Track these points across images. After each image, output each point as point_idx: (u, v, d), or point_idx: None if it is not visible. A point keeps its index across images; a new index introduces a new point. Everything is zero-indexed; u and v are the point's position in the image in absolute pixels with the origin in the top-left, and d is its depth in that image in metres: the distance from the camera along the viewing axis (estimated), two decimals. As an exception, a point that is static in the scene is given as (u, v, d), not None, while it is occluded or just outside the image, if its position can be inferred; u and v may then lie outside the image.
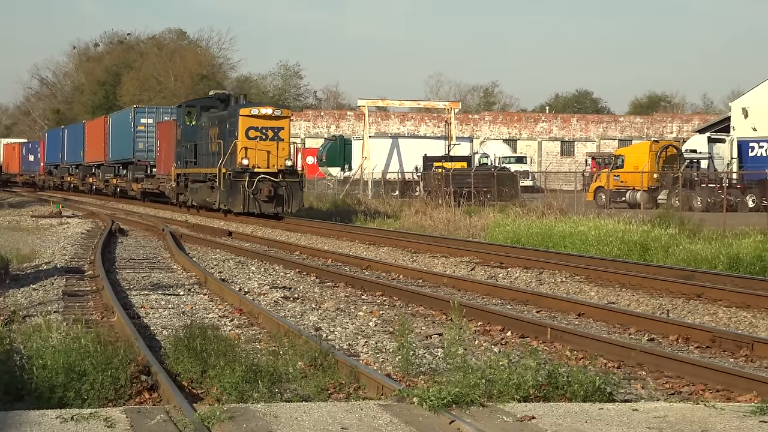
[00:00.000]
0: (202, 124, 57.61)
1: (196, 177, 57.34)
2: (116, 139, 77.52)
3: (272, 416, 10.23)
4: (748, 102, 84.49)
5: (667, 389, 13.84)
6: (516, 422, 10.11)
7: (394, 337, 16.29)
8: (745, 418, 10.49)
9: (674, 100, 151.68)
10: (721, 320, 20.39)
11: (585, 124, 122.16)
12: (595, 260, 30.50)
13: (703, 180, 67.88)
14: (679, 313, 21.34)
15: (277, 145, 50.88)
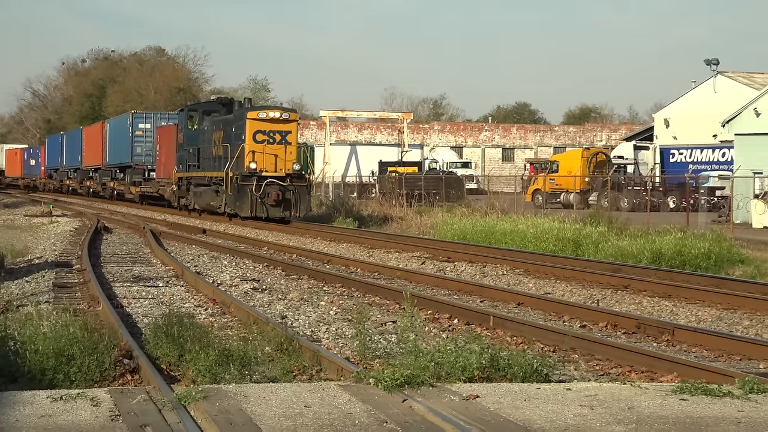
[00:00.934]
0: (204, 128, 53.23)
1: (199, 181, 52.80)
2: (114, 144, 73.52)
3: (242, 396, 10.20)
4: (670, 113, 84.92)
5: (597, 371, 13.88)
6: (462, 401, 10.11)
7: (352, 324, 16.26)
8: (667, 396, 10.53)
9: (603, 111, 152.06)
10: (645, 309, 20.47)
11: (524, 133, 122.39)
12: (532, 255, 30.55)
13: (630, 183, 68.46)
14: (607, 302, 21.41)
15: (284, 148, 46.47)
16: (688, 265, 28.48)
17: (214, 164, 49.83)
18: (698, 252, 29.45)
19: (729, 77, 79.30)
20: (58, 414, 9.45)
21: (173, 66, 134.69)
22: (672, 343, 16.27)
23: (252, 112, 46.70)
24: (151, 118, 69.92)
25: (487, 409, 9.77)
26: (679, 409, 9.94)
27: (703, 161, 75.91)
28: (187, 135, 54.71)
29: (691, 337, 16.50)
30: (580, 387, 11.14)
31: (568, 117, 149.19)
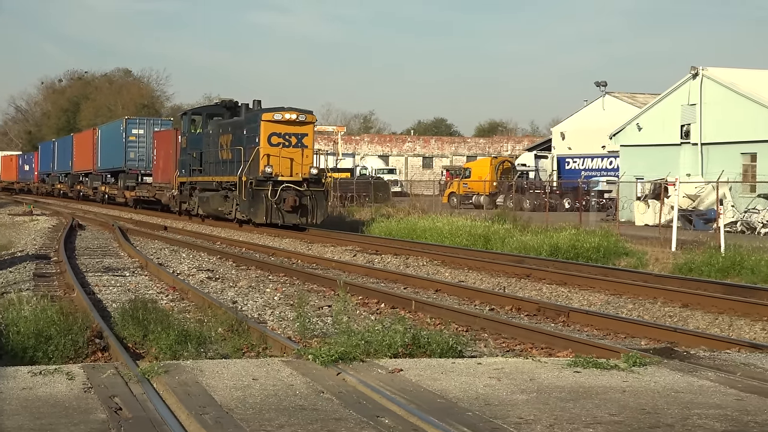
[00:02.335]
0: (209, 131, 45.72)
1: (206, 185, 45.24)
2: (106, 149, 67.25)
3: (198, 370, 10.15)
4: (565, 127, 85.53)
5: (503, 347, 13.94)
6: (388, 374, 10.12)
7: (293, 308, 16.24)
8: (563, 369, 10.59)
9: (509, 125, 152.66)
10: (544, 294, 20.60)
11: (441, 144, 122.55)
12: (448, 248, 30.64)
13: (531, 187, 69.27)
14: (512, 289, 21.52)
15: (301, 152, 39.17)
16: (580, 257, 28.68)
17: (222, 168, 43.08)
18: (589, 246, 29.68)
19: (615, 97, 79.94)
20: (37, 387, 9.36)
21: (138, 85, 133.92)
22: (567, 324, 16.38)
23: (267, 114, 39.32)
24: (144, 124, 64.02)
25: (410, 381, 9.78)
26: (574, 380, 10.00)
27: (593, 168, 76.55)
28: (190, 139, 47.96)
29: (584, 318, 16.63)
30: (489, 362, 11.17)
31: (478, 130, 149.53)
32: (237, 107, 45.09)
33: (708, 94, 55.64)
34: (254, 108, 42.16)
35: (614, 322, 16.15)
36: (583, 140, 79.36)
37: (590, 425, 8.13)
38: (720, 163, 51.85)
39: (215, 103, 48.64)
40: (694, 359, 11.42)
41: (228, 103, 46.67)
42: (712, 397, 9.34)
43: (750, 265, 24.53)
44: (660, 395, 9.36)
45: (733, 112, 53.50)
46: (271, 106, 41.19)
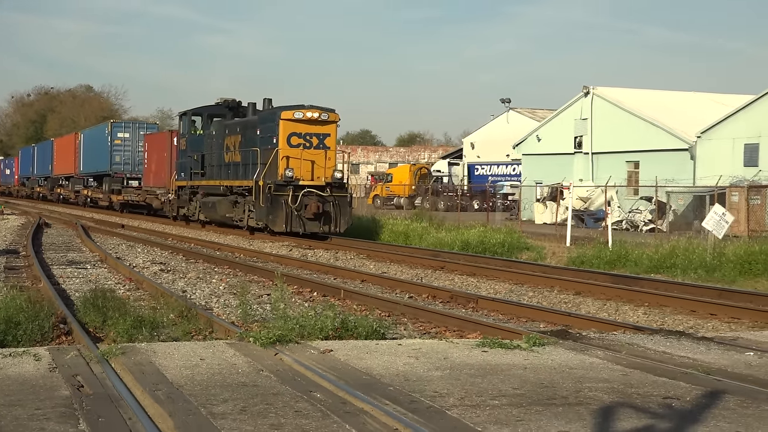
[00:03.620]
0: (212, 132, 38.76)
1: (211, 190, 38.36)
2: (89, 153, 61.06)
3: (152, 351, 10.06)
4: (474, 138, 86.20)
5: (421, 330, 13.97)
6: (320, 354, 10.10)
7: (236, 296, 16.16)
8: (473, 349, 10.64)
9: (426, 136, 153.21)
10: (456, 284, 20.68)
11: (366, 152, 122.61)
12: (373, 243, 30.73)
13: (445, 190, 69.78)
14: (429, 279, 21.58)
15: (324, 154, 32.56)
16: (488, 251, 28.86)
17: (229, 172, 36.54)
18: (495, 241, 29.90)
19: (518, 112, 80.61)
20: (7, 367, 9.22)
21: (99, 99, 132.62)
22: (476, 309, 16.45)
23: (286, 112, 32.49)
24: (129, 128, 57.71)
25: (339, 360, 9.77)
26: (482, 359, 10.05)
27: (499, 174, 77.08)
28: (190, 141, 40.88)
29: (490, 304, 16.71)
30: (408, 343, 11.19)
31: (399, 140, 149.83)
32: (240, 107, 38.84)
33: (597, 110, 56.30)
34: (267, 107, 35.72)
35: (517, 307, 16.26)
36: (490, 149, 79.96)
37: (496, 398, 8.18)
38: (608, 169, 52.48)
39: (216, 103, 40.38)
40: (586, 340, 11.53)
41: (230, 102, 39.38)
42: (601, 372, 9.44)
43: (633, 258, 24.86)
44: (556, 371, 9.44)
45: (619, 126, 54.21)
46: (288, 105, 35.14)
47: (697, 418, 7.54)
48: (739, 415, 7.71)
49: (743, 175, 41.34)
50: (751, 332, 13.12)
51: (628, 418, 7.51)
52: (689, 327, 14.48)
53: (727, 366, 9.92)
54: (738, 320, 15.32)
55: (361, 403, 7.83)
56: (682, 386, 8.78)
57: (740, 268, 22.03)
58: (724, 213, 23.63)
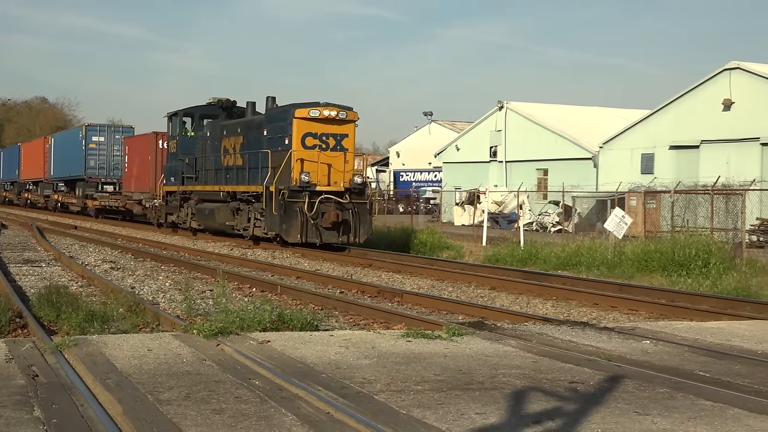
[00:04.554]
0: (207, 134, 33.42)
1: (207, 196, 32.99)
2: (60, 157, 55.31)
3: (103, 343, 9.93)
4: (400, 148, 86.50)
5: (351, 322, 13.97)
6: (258, 344, 10.05)
7: (181, 292, 16.01)
8: (398, 339, 10.66)
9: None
10: (383, 280, 20.70)
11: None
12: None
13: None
14: (358, 276, 21.58)
15: (343, 156, 27.66)
16: (412, 250, 28.96)
17: (228, 176, 31.37)
18: (419, 241, 30.03)
19: (439, 124, 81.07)
20: (-34, 358, 9.04)
21: (53, 110, 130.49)
22: (401, 303, 16.49)
23: (301, 110, 27.28)
24: (105, 132, 51.49)
25: (276, 350, 9.73)
26: (406, 348, 10.07)
27: (422, 180, 77.48)
28: (181, 143, 35.29)
29: (414, 299, 16.76)
30: (340, 334, 11.18)
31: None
32: (235, 107, 34.26)
33: (511, 123, 56.82)
34: (271, 106, 30.20)
35: (438, 301, 16.32)
36: (413, 158, 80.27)
37: (419, 383, 8.20)
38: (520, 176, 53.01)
39: (208, 103, 35.07)
40: (500, 330, 11.61)
41: (224, 102, 34.40)
42: (514, 359, 9.51)
43: (543, 256, 25.11)
44: (473, 359, 9.49)
45: (530, 137, 54.82)
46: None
47: (599, 400, 7.63)
48: (636, 397, 7.82)
49: (640, 182, 41.99)
50: (648, 323, 13.32)
51: (538, 400, 7.58)
52: (593, 318, 14.65)
53: (626, 353, 10.06)
54: (636, 312, 15.54)
55: (296, 389, 7.81)
56: (586, 372, 8.88)
57: (638, 265, 22.35)
58: (624, 215, 23.97)
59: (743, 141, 40.87)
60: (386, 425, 6.62)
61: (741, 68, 41.75)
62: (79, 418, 6.86)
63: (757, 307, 15.52)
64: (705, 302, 16.31)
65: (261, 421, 6.74)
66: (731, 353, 10.27)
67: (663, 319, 14.38)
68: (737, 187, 32.34)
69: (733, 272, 20.23)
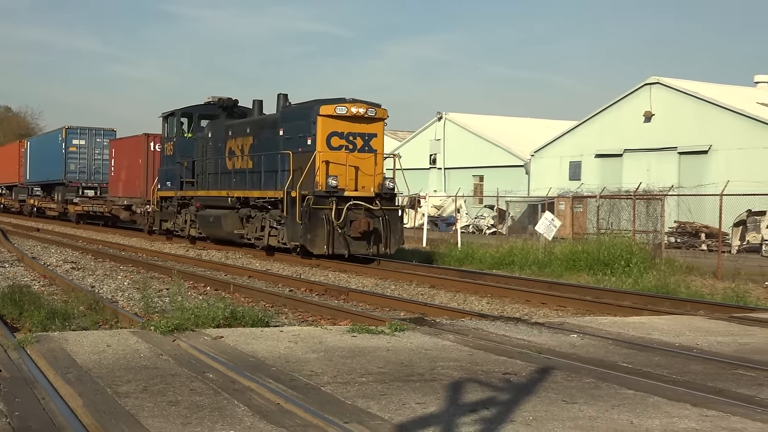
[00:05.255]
0: (208, 135, 29.33)
1: (212, 202, 28.56)
2: (37, 161, 50.70)
3: (64, 340, 9.79)
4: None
5: (300, 319, 13.92)
6: (212, 340, 9.98)
7: (139, 291, 15.84)
8: (344, 334, 10.65)
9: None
10: (330, 279, 20.65)
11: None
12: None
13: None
14: (306, 275, 21.51)
15: (374, 158, 23.66)
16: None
17: (233, 181, 27.39)
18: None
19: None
20: (-68, 355, 8.86)
21: (17, 119, 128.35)
22: (347, 301, 16.48)
23: (326, 106, 23.16)
24: (86, 135, 46.69)
25: (229, 345, 9.67)
26: (352, 342, 10.07)
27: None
28: (180, 145, 30.96)
29: (359, 296, 16.76)
30: (289, 329, 11.15)
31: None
32: (237, 107, 30.39)
33: (449, 132, 57.10)
34: (283, 104, 26.15)
35: (381, 299, 16.34)
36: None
37: (364, 375, 8.20)
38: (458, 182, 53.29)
39: (207, 102, 30.78)
40: (439, 326, 11.65)
41: (225, 102, 30.30)
42: (452, 353, 9.55)
43: (478, 256, 25.23)
44: (414, 352, 9.51)
45: (467, 146, 55.14)
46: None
47: (531, 390, 7.69)
48: (564, 387, 7.89)
49: (568, 188, 42.43)
50: (575, 318, 13.46)
51: (474, 391, 7.62)
52: (525, 314, 14.76)
53: (555, 346, 10.15)
54: (564, 308, 15.69)
55: (248, 381, 7.77)
56: (518, 363, 8.94)
57: (566, 264, 22.55)
58: (553, 219, 24.19)
59: (662, 150, 41.49)
60: (332, 415, 6.61)
61: (660, 83, 42.42)
62: (41, 410, 6.76)
63: (675, 303, 15.77)
64: (627, 299, 16.54)
65: (215, 412, 6.70)
66: (651, 346, 10.42)
67: (589, 314, 14.53)
68: (657, 192, 32.80)
69: (653, 271, 20.49)
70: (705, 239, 34.59)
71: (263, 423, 6.39)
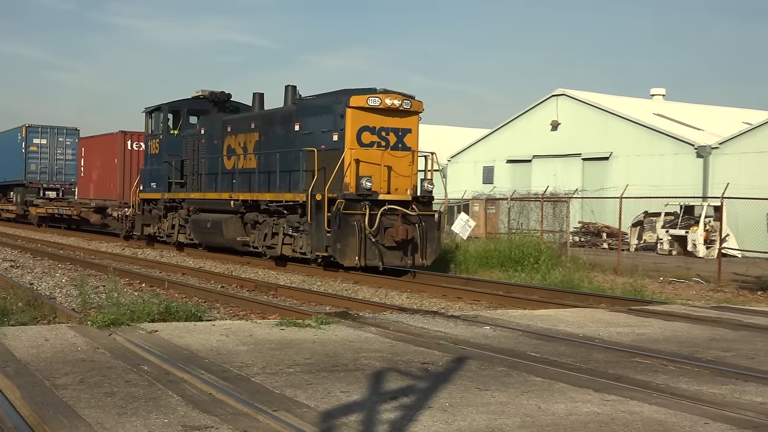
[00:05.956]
0: (200, 131, 25.02)
1: (208, 205, 24.21)
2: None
3: (2, 335, 9.54)
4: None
5: (231, 313, 13.80)
6: (147, 334, 9.83)
7: (77, 287, 15.53)
8: (273, 327, 10.59)
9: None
10: (260, 276, 20.51)
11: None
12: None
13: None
14: (238, 272, 21.34)
15: (411, 156, 19.92)
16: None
17: (233, 182, 23.11)
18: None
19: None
20: None
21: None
22: (276, 296, 16.41)
23: (358, 97, 19.19)
24: (48, 133, 41.86)
25: (163, 339, 9.54)
26: (280, 335, 10.02)
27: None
28: (167, 143, 26.63)
29: (288, 292, 16.70)
30: (221, 323, 11.05)
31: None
32: (229, 101, 26.33)
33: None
34: (292, 96, 21.71)
35: (308, 294, 16.31)
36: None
37: (291, 366, 8.17)
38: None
39: (196, 96, 26.57)
40: (362, 319, 11.66)
41: (217, 95, 26.11)
42: (374, 344, 9.57)
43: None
44: (339, 344, 9.50)
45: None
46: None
47: (447, 378, 7.75)
48: (478, 375, 7.97)
49: (482, 191, 42.82)
50: (488, 311, 13.59)
51: (394, 379, 7.64)
52: (442, 308, 14.85)
53: (470, 337, 10.24)
54: (478, 302, 15.83)
55: (181, 373, 7.67)
56: (436, 354, 9.00)
57: (480, 262, 22.75)
58: (468, 219, 24.42)
59: (568, 156, 42.21)
60: (262, 403, 6.57)
61: (566, 95, 43.15)
62: (-20, 403, 6.57)
63: (579, 297, 16.04)
64: (536, 293, 16.77)
65: (149, 402, 6.60)
66: (558, 336, 10.58)
67: (501, 308, 14.69)
68: (563, 195, 33.33)
69: (560, 268, 20.81)
70: (606, 238, 35.30)
71: (196, 412, 6.32)
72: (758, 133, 35.27)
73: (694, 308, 14.10)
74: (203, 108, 26.32)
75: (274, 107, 23.07)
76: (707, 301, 16.80)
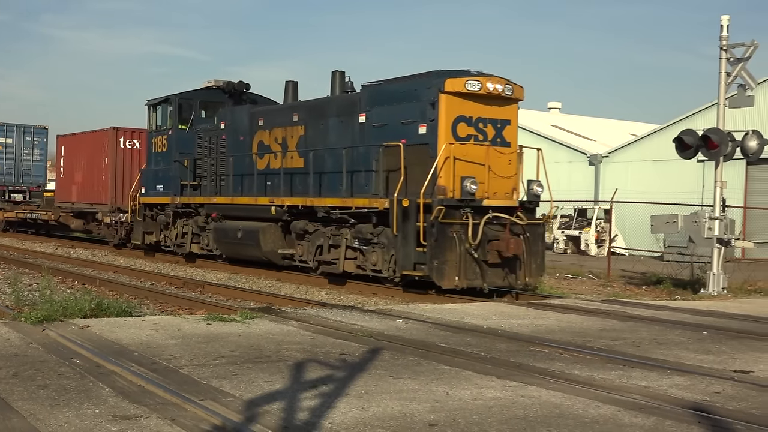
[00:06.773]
0: (220, 126, 20.22)
1: (236, 211, 19.36)
2: None
3: (-63, 331, 9.20)
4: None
5: (160, 309, 13.58)
6: (79, 329, 9.59)
7: (10, 285, 15.06)
8: (200, 322, 10.45)
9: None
10: (188, 274, 20.24)
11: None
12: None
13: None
14: (167, 270, 21.01)
15: (516, 153, 14.91)
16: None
17: (267, 185, 18.58)
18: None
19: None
20: None
21: None
22: (203, 293, 16.22)
23: (455, 80, 14.09)
24: (13, 132, 36.39)
25: (95, 333, 9.32)
26: (207, 330, 9.89)
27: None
28: (176, 140, 21.55)
29: (214, 289, 16.54)
30: (151, 318, 10.86)
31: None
32: (246, 93, 21.61)
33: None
34: (344, 82, 17.36)
35: (234, 290, 16.16)
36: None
37: (218, 358, 8.07)
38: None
39: (208, 86, 21.78)
40: (284, 314, 11.59)
41: (235, 86, 21.41)
42: (295, 337, 9.52)
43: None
44: (262, 337, 9.43)
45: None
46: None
47: (363, 367, 7.76)
48: (391, 364, 8.00)
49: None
50: (401, 306, 13.65)
51: (314, 369, 7.62)
52: (358, 303, 14.86)
53: (384, 330, 10.27)
54: (392, 297, 15.88)
55: (112, 366, 7.51)
56: (352, 345, 9.00)
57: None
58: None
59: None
60: (189, 393, 6.48)
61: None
62: None
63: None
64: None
65: (81, 393, 6.44)
66: (464, 328, 10.69)
67: (413, 302, 14.77)
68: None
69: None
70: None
71: (126, 402, 6.19)
72: (643, 143, 36.33)
73: (587, 302, 14.42)
74: (218, 100, 21.62)
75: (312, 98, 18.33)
76: (598, 295, 17.20)
